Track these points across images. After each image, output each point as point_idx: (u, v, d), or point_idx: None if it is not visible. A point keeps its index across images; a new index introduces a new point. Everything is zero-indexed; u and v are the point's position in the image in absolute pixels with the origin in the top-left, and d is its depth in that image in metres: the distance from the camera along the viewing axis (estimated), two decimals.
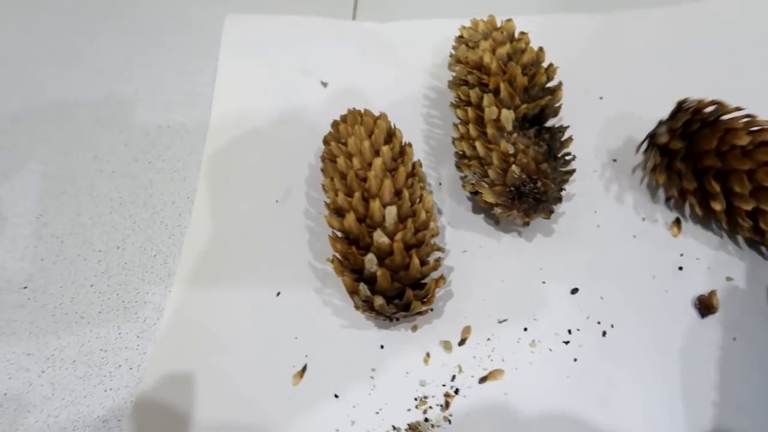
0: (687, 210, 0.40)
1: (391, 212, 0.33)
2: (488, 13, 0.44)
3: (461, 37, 0.44)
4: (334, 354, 0.36)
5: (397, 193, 0.35)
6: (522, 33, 0.42)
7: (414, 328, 0.37)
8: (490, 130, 0.37)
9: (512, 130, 0.36)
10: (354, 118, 0.39)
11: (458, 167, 0.40)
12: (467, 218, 0.41)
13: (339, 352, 0.36)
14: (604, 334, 0.36)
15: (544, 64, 0.40)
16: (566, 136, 0.39)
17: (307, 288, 0.39)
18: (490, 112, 0.37)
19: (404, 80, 0.49)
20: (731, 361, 0.34)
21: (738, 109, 0.37)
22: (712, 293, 0.36)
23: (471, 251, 0.40)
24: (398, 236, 0.33)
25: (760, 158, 0.35)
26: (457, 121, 0.40)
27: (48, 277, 0.41)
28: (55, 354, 0.38)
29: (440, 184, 0.43)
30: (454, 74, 0.43)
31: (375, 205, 0.33)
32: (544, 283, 0.38)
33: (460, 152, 0.39)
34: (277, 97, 0.49)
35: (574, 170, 0.39)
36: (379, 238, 0.32)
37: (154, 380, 0.36)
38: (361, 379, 0.35)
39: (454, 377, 0.35)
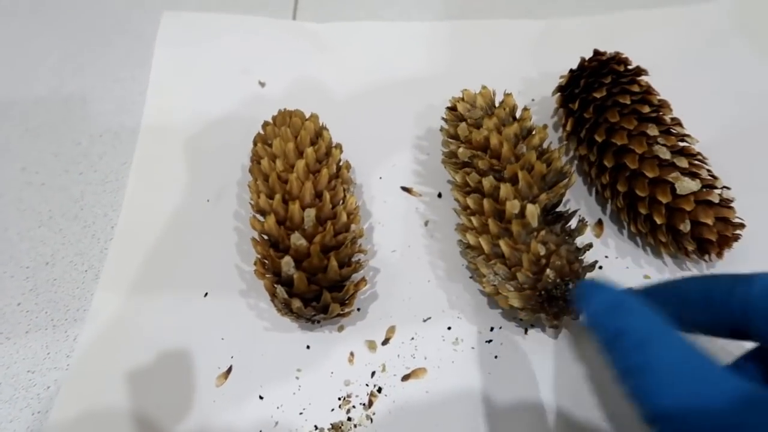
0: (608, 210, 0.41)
1: (310, 215, 0.33)
2: (427, 20, 0.43)
3: (453, 109, 0.40)
4: (260, 355, 0.36)
5: (318, 195, 0.35)
6: (524, 109, 0.39)
7: (340, 329, 0.37)
8: (515, 228, 0.33)
9: (538, 226, 0.33)
10: (283, 119, 0.39)
11: (471, 263, 0.37)
12: (397, 219, 0.42)
13: (265, 354, 0.37)
14: (526, 331, 0.37)
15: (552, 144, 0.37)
16: (576, 219, 0.36)
17: (233, 290, 0.39)
18: (512, 206, 0.33)
19: (342, 81, 0.49)
20: None
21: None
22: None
23: (399, 251, 0.40)
24: (317, 239, 0.33)
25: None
26: (459, 206, 0.38)
27: None
28: None
29: (380, 178, 0.43)
30: (446, 150, 0.40)
31: (294, 207, 0.33)
32: (471, 278, 0.39)
33: (466, 243, 0.36)
34: (213, 96, 0.48)
35: (590, 245, 0.35)
36: (297, 240, 0.33)
37: (78, 380, 0.36)
38: (286, 380, 0.36)
39: (376, 375, 0.36)
